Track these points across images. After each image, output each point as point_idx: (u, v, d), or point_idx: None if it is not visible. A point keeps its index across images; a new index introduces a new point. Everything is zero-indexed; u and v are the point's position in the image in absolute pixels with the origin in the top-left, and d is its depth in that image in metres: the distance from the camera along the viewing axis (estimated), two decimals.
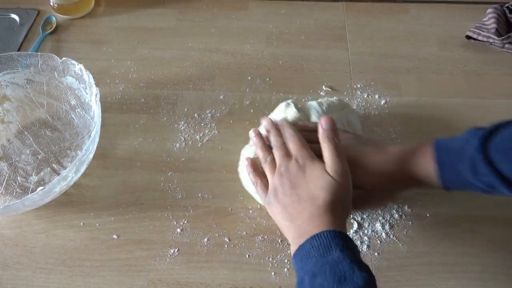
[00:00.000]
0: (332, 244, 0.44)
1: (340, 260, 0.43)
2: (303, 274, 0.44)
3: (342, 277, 0.42)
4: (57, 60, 0.67)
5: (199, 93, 0.77)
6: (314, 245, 0.45)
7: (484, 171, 0.47)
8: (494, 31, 0.81)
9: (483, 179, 0.47)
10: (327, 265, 0.43)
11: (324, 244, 0.45)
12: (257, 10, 0.91)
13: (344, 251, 0.44)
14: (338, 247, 0.44)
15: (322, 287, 0.42)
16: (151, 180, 0.66)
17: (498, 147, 0.46)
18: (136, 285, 0.57)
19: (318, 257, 0.44)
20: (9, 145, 0.70)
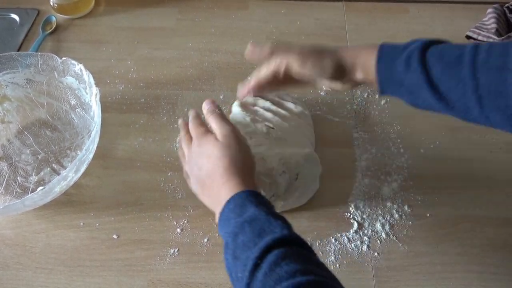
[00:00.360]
0: (245, 202, 0.47)
1: (256, 215, 0.46)
2: (227, 237, 0.47)
3: (260, 230, 0.44)
4: (57, 60, 0.67)
5: (199, 93, 0.77)
6: (230, 208, 0.48)
7: (415, 67, 0.48)
8: (494, 31, 0.81)
9: (413, 76, 0.49)
10: (245, 223, 0.45)
11: (239, 205, 0.47)
12: (257, 10, 0.91)
13: (258, 206, 0.47)
14: (252, 204, 0.47)
15: (244, 243, 0.44)
16: (151, 180, 0.66)
17: (436, 52, 0.49)
18: (136, 285, 0.57)
19: (236, 218, 0.46)
20: (9, 145, 0.70)
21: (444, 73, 0.47)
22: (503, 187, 0.65)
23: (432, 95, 0.48)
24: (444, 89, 0.47)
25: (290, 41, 0.85)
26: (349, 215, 0.62)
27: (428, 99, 0.49)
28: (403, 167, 0.67)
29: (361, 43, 0.84)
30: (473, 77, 0.45)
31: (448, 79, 0.47)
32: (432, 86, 0.48)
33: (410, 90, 0.50)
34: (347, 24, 0.88)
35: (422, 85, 0.48)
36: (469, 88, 0.45)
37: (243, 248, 0.44)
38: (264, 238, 0.43)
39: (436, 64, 0.48)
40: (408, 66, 0.49)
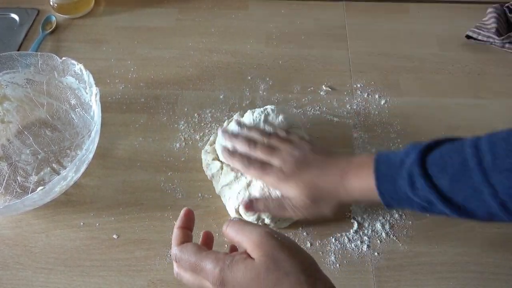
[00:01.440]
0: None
1: None
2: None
3: None
4: (57, 60, 0.67)
5: (199, 93, 0.77)
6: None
7: (421, 186, 0.46)
8: (494, 31, 0.81)
9: (421, 194, 0.46)
10: None
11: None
12: (257, 10, 0.91)
13: None
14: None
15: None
16: (151, 180, 0.66)
17: (436, 161, 0.46)
18: (136, 285, 0.57)
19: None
20: (9, 145, 0.70)
21: (454, 185, 0.45)
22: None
23: (447, 207, 0.45)
24: (459, 200, 0.45)
25: (290, 41, 0.85)
26: (349, 215, 0.62)
27: (444, 211, 0.46)
28: None
29: (361, 43, 0.84)
30: (488, 184, 0.42)
31: (460, 190, 0.44)
32: (446, 200, 0.45)
33: (422, 206, 0.48)
34: (347, 24, 0.88)
35: (434, 201, 0.46)
36: (487, 195, 0.43)
37: None
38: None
39: (442, 176, 0.45)
40: (413, 186, 0.46)
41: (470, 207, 0.45)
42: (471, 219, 0.46)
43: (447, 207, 0.45)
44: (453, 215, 0.46)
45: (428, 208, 0.48)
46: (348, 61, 0.82)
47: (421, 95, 0.76)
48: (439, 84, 0.78)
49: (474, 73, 0.80)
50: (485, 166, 0.42)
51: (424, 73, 0.80)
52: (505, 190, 0.42)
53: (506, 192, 0.42)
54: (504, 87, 0.77)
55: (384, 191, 0.49)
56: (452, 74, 0.80)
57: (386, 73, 0.80)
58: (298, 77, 0.79)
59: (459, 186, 0.44)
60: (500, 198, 0.42)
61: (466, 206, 0.45)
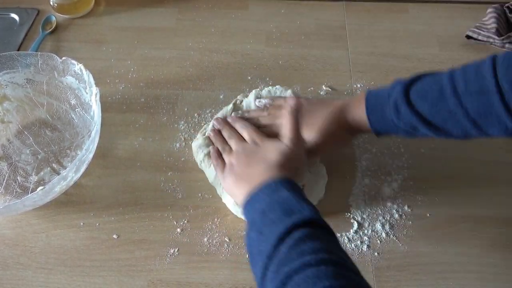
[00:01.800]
0: (279, 186, 0.49)
1: (288, 197, 0.47)
2: (253, 214, 0.48)
3: (290, 210, 0.45)
4: (57, 60, 0.67)
5: (199, 93, 0.77)
6: (262, 189, 0.49)
7: (405, 112, 0.52)
8: (494, 31, 0.81)
9: (405, 119, 0.53)
10: (276, 203, 0.47)
11: (272, 188, 0.49)
12: (257, 10, 0.91)
13: (291, 191, 0.48)
14: (285, 188, 0.48)
15: (272, 220, 0.45)
16: (151, 180, 0.66)
17: (418, 91, 0.52)
18: (136, 285, 0.57)
19: (267, 198, 0.48)
20: (9, 145, 0.70)
21: (433, 109, 0.51)
22: (503, 187, 0.65)
23: (429, 130, 0.52)
24: (439, 122, 0.51)
25: (290, 41, 0.85)
26: (349, 215, 0.62)
27: (426, 133, 0.53)
28: (403, 167, 0.67)
29: (361, 43, 0.84)
30: (461, 106, 0.49)
31: (439, 113, 0.51)
32: (426, 123, 0.52)
33: (406, 131, 0.54)
34: (347, 24, 0.88)
35: (417, 124, 0.52)
36: (461, 116, 0.49)
37: (270, 225, 0.45)
38: (292, 217, 0.44)
39: (422, 103, 0.52)
40: (398, 112, 0.53)
41: (448, 128, 0.51)
42: (450, 137, 0.53)
43: (428, 129, 0.52)
44: (433, 135, 0.53)
45: (412, 133, 0.54)
46: (348, 61, 0.82)
47: None
48: None
49: None
50: (459, 91, 0.49)
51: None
52: (475, 110, 0.48)
53: (476, 112, 0.48)
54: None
55: (373, 119, 0.56)
56: None
57: (386, 73, 0.80)
58: (298, 77, 0.79)
59: (437, 110, 0.51)
60: (472, 118, 0.49)
61: (444, 127, 0.51)
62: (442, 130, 0.52)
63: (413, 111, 0.52)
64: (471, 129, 0.50)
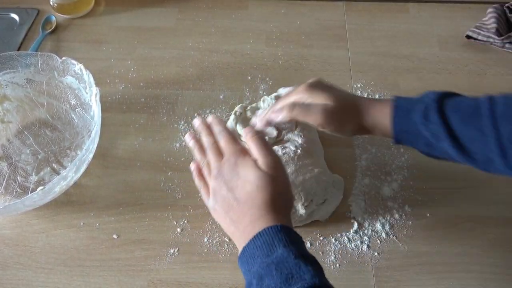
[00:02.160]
0: (274, 240, 0.44)
1: (285, 257, 0.42)
2: (251, 277, 0.44)
3: (289, 275, 0.41)
4: (57, 60, 0.67)
5: (199, 93, 0.77)
6: (257, 244, 0.44)
7: (434, 119, 0.48)
8: (494, 30, 0.81)
9: (431, 127, 0.49)
10: (272, 265, 0.42)
11: (268, 242, 0.44)
12: (257, 10, 0.91)
13: (287, 246, 0.43)
14: (281, 243, 0.44)
15: None
16: (151, 180, 0.66)
17: (452, 103, 0.49)
18: (136, 285, 0.57)
19: (263, 257, 0.43)
20: (9, 145, 0.70)
21: (464, 124, 0.47)
22: (503, 187, 0.65)
23: (452, 146, 0.48)
24: (465, 140, 0.47)
25: (290, 41, 0.85)
26: (349, 215, 0.62)
27: (447, 150, 0.49)
28: (403, 167, 0.67)
29: (361, 43, 0.84)
30: (494, 128, 0.45)
31: (468, 129, 0.47)
32: (452, 137, 0.48)
33: (427, 142, 0.50)
34: (347, 24, 0.88)
35: (442, 136, 0.48)
36: (491, 139, 0.45)
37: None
38: (292, 284, 0.40)
39: (454, 115, 0.48)
40: (426, 118, 0.49)
41: (473, 149, 0.47)
42: (469, 162, 0.48)
43: (451, 144, 0.48)
44: (454, 154, 0.48)
45: (433, 144, 0.50)
46: (348, 61, 0.82)
47: None
48: (439, 84, 0.78)
49: (474, 73, 0.80)
50: (496, 113, 0.45)
51: (424, 73, 0.80)
52: (507, 136, 0.44)
53: (507, 138, 0.44)
54: (504, 87, 0.77)
55: (397, 120, 0.51)
56: (452, 74, 0.79)
57: (386, 73, 0.80)
58: (298, 77, 0.79)
59: (468, 126, 0.47)
60: (502, 144, 0.45)
61: (469, 147, 0.47)
62: (465, 150, 0.48)
63: (443, 121, 0.48)
64: (496, 157, 0.46)
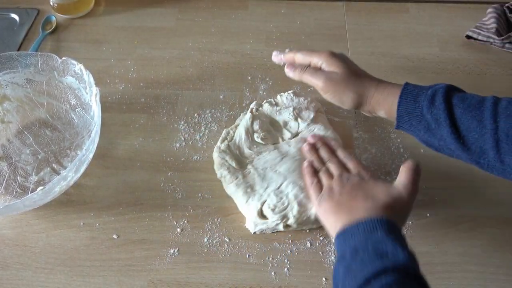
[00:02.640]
0: (378, 226, 0.46)
1: (384, 239, 0.44)
2: (345, 248, 0.46)
3: (384, 253, 0.43)
4: (57, 60, 0.67)
5: (199, 93, 0.77)
6: (360, 226, 0.47)
7: (439, 104, 0.51)
8: (494, 31, 0.81)
9: (435, 112, 0.51)
10: (369, 241, 0.44)
11: (370, 226, 0.46)
12: (257, 9, 0.91)
13: (390, 233, 0.45)
14: (384, 229, 0.46)
15: (363, 260, 0.43)
16: (151, 180, 0.66)
17: (459, 95, 0.51)
18: (136, 285, 0.57)
19: (362, 234, 0.46)
20: (9, 145, 0.70)
21: (466, 114, 0.49)
22: (503, 187, 0.65)
23: (450, 133, 0.50)
24: (464, 129, 0.49)
25: (290, 41, 0.85)
26: None
27: (445, 137, 0.51)
28: None
29: (361, 43, 0.84)
30: (493, 121, 0.47)
31: (468, 119, 0.49)
32: (453, 124, 0.50)
33: (428, 126, 0.52)
34: (347, 24, 0.88)
35: (443, 122, 0.50)
36: (488, 131, 0.48)
37: (360, 263, 0.43)
38: (384, 260, 0.42)
39: (459, 104, 0.50)
40: (433, 102, 0.51)
41: (469, 138, 0.49)
42: (463, 151, 0.50)
43: (451, 132, 0.50)
44: (451, 141, 0.50)
45: (433, 130, 0.52)
46: None
47: None
48: None
49: (474, 73, 0.80)
50: (499, 108, 0.48)
51: (424, 73, 0.80)
52: (504, 130, 0.47)
53: (505, 132, 0.47)
54: (504, 87, 0.77)
55: (404, 101, 0.53)
56: (452, 74, 0.79)
57: (386, 73, 0.79)
58: None
59: (469, 115, 0.49)
60: (497, 136, 0.47)
61: (467, 136, 0.49)
62: (462, 139, 0.50)
63: (447, 107, 0.50)
64: (490, 148, 0.48)
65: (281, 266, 0.58)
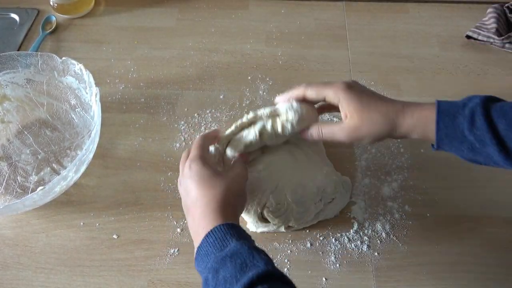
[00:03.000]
0: (227, 236, 0.46)
1: (238, 249, 0.44)
2: (206, 273, 0.45)
3: (243, 264, 0.43)
4: (57, 60, 0.67)
5: (199, 93, 0.77)
6: (209, 241, 0.46)
7: (481, 125, 0.48)
8: (494, 31, 0.81)
9: (478, 133, 0.48)
10: (227, 258, 0.44)
11: (220, 238, 0.46)
12: (257, 9, 0.91)
13: (239, 239, 0.45)
14: (233, 237, 0.46)
15: (226, 279, 0.42)
16: (151, 180, 0.66)
17: (497, 108, 0.48)
18: (136, 285, 0.57)
19: (217, 252, 0.45)
20: (9, 145, 0.70)
21: (510, 129, 0.47)
22: (503, 187, 0.65)
23: (498, 151, 0.47)
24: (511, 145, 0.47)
25: (290, 41, 0.85)
26: (349, 215, 0.62)
27: (492, 155, 0.48)
28: (403, 167, 0.67)
29: (361, 43, 0.84)
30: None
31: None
32: (499, 142, 0.47)
33: (472, 147, 0.49)
34: (347, 24, 0.88)
35: (488, 142, 0.48)
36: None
37: (224, 284, 0.42)
38: (247, 274, 0.42)
39: (501, 119, 0.47)
40: (473, 124, 0.48)
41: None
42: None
43: (498, 150, 0.47)
44: (500, 159, 0.48)
45: (477, 149, 0.49)
46: (348, 61, 0.82)
47: (421, 95, 0.76)
48: (439, 84, 0.78)
49: (474, 73, 0.80)
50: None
51: (424, 73, 0.80)
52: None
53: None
54: (504, 87, 0.77)
55: (442, 125, 0.50)
56: (452, 74, 0.80)
57: (386, 73, 0.80)
58: (298, 77, 0.79)
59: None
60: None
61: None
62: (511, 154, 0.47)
63: (489, 126, 0.47)
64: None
65: (281, 266, 0.58)
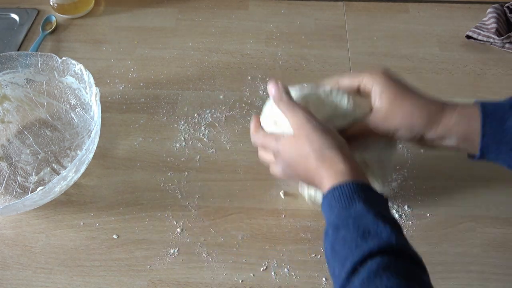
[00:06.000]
0: (354, 195, 0.43)
1: (364, 214, 0.42)
2: (327, 225, 0.44)
3: (365, 231, 0.40)
4: (57, 60, 0.67)
5: (199, 93, 0.77)
6: (335, 196, 0.44)
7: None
8: (494, 30, 0.81)
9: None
10: (350, 218, 0.42)
11: (347, 196, 0.43)
12: (257, 9, 0.91)
13: (367, 203, 0.42)
14: (361, 199, 0.43)
15: (345, 240, 0.41)
16: (151, 180, 0.66)
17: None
18: (136, 285, 0.57)
19: (340, 209, 0.43)
20: (9, 145, 0.70)
21: None
22: (503, 187, 0.65)
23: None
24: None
25: (290, 41, 0.85)
26: None
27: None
28: (403, 167, 0.67)
29: (361, 43, 0.84)
30: None
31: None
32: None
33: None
34: (347, 24, 0.88)
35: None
36: None
37: (343, 244, 0.41)
38: (368, 242, 0.39)
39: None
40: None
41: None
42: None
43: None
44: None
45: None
46: (348, 61, 0.82)
47: None
48: (439, 84, 0.78)
49: (474, 73, 0.80)
50: None
51: (424, 73, 0.80)
52: None
53: None
54: (504, 87, 0.77)
55: (489, 129, 0.45)
56: (452, 74, 0.80)
57: None
58: (298, 77, 0.79)
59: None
60: None
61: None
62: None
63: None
64: None
65: (281, 266, 0.58)
